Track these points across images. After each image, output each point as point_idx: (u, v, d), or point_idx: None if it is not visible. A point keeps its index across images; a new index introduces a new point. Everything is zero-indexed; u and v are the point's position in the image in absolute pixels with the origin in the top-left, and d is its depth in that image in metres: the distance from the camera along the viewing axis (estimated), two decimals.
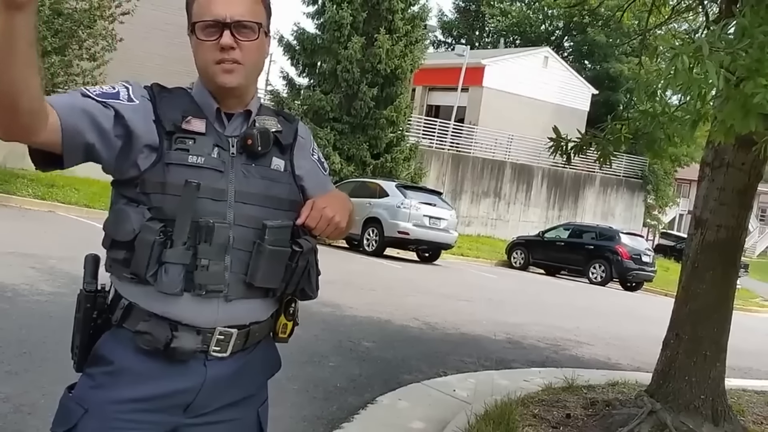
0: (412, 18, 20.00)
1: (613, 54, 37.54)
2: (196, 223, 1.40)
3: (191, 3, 1.48)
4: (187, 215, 1.40)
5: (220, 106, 1.50)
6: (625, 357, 7.57)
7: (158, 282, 1.39)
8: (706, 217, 4.36)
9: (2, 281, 5.99)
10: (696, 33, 5.85)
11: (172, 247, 1.39)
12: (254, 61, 1.49)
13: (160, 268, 1.39)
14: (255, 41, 1.47)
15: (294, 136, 1.60)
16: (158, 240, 1.38)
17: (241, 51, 1.44)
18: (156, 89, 1.49)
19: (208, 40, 1.44)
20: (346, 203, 1.57)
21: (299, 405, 4.15)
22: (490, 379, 5.37)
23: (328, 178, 1.70)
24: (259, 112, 1.56)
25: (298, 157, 1.59)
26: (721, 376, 4.33)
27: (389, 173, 19.23)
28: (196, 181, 1.40)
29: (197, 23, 1.45)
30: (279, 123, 1.58)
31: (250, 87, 1.53)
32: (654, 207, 33.01)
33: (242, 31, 1.44)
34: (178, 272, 1.40)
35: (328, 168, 1.73)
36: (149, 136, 1.42)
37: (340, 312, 7.30)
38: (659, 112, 3.61)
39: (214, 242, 1.41)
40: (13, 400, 3.49)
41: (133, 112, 1.41)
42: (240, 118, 1.53)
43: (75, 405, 1.42)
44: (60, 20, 12.83)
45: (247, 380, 1.54)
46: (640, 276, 18.84)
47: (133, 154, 1.42)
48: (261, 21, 1.48)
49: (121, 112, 1.40)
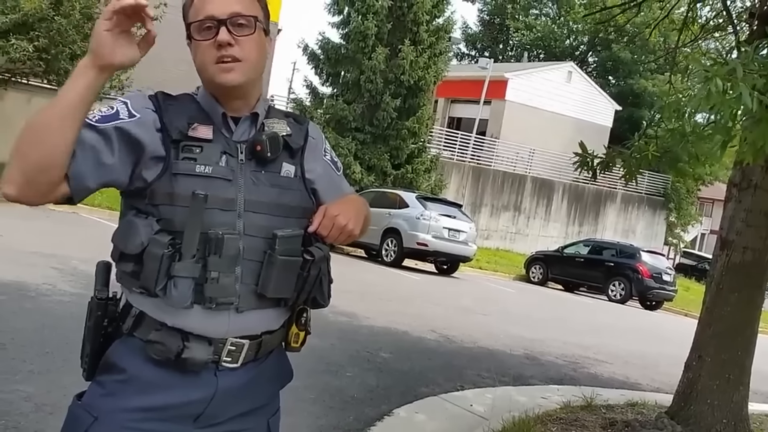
0: (436, 30, 20.06)
1: (638, 70, 37.35)
2: (205, 234, 1.37)
3: (187, 9, 1.46)
4: (195, 228, 1.36)
5: (225, 110, 1.46)
6: (644, 377, 7.48)
7: (168, 296, 1.37)
8: (732, 238, 4.31)
9: (26, 281, 6.07)
10: (725, 52, 5.80)
11: (181, 260, 1.36)
12: (254, 57, 1.44)
13: (169, 282, 1.36)
14: (252, 36, 1.43)
15: (304, 138, 1.55)
16: (167, 253, 1.35)
17: (239, 47, 1.41)
18: (161, 97, 1.45)
19: (205, 39, 1.41)
20: (360, 208, 1.52)
21: (316, 414, 4.14)
22: (508, 395, 5.32)
23: (341, 179, 1.65)
24: (267, 114, 1.53)
25: (309, 159, 1.55)
26: (745, 400, 4.26)
27: (410, 184, 19.23)
28: (204, 192, 1.37)
29: (192, 24, 1.43)
30: (288, 125, 1.53)
31: (253, 87, 1.48)
32: (676, 225, 32.66)
33: (238, 27, 1.41)
34: (187, 286, 1.37)
35: (341, 167, 1.68)
36: (155, 147, 1.39)
37: (357, 322, 7.30)
38: (688, 131, 3.58)
39: (224, 254, 1.38)
40: (34, 399, 3.52)
41: (136, 126, 1.37)
42: (247, 122, 1.49)
43: (84, 413, 1.40)
44: (90, 25, 13.01)
45: (259, 391, 1.51)
46: (660, 295, 18.61)
47: (139, 167, 1.39)
48: (257, 15, 1.45)
49: (125, 129, 1.36)
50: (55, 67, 12.75)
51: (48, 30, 12.24)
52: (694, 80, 4.18)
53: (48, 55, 12.46)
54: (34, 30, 12.22)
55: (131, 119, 1.38)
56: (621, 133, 27.23)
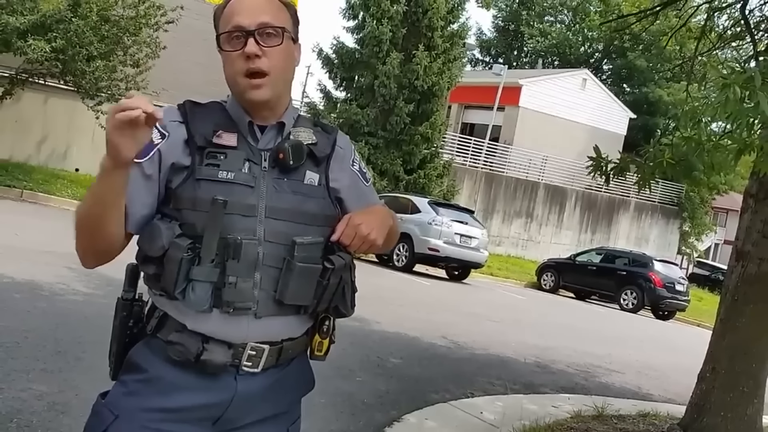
0: (451, 36, 20.07)
1: (653, 78, 37.21)
2: (224, 239, 1.38)
3: (218, 19, 1.48)
4: (214, 232, 1.38)
5: (252, 119, 1.48)
6: (656, 387, 7.42)
7: (186, 299, 1.38)
8: (748, 249, 4.28)
9: (40, 280, 6.11)
10: (743, 62, 5.76)
11: (200, 264, 1.38)
12: (282, 69, 1.46)
13: (188, 286, 1.38)
14: (280, 47, 1.44)
15: (332, 147, 1.55)
16: (186, 257, 1.37)
17: (267, 58, 1.42)
18: (188, 106, 1.48)
19: (234, 50, 1.42)
20: (385, 219, 1.52)
21: (326, 419, 4.14)
22: (518, 403, 5.29)
23: (370, 189, 1.65)
24: (296, 123, 1.54)
25: (336, 169, 1.55)
26: (759, 414, 4.22)
27: (422, 189, 19.22)
28: (224, 198, 1.38)
29: (222, 35, 1.45)
30: (316, 134, 1.53)
31: (282, 98, 1.50)
32: (689, 235, 32.43)
33: (267, 38, 1.42)
34: (205, 290, 1.38)
35: (371, 178, 1.69)
36: (182, 159, 1.43)
37: (368, 327, 7.29)
38: (704, 140, 3.55)
39: (243, 259, 1.39)
40: (46, 398, 3.54)
41: (166, 145, 1.43)
42: (273, 131, 1.50)
43: (106, 411, 1.42)
44: (107, 27, 13.14)
45: (279, 397, 1.51)
46: (673, 305, 18.47)
47: (168, 178, 1.44)
48: (285, 25, 1.46)
49: (159, 152, 1.42)
50: (71, 67, 12.86)
51: (65, 31, 12.35)
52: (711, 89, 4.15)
53: (65, 56, 12.56)
54: (51, 31, 12.34)
55: (162, 140, 1.43)
56: (635, 141, 27.14)
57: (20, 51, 12.21)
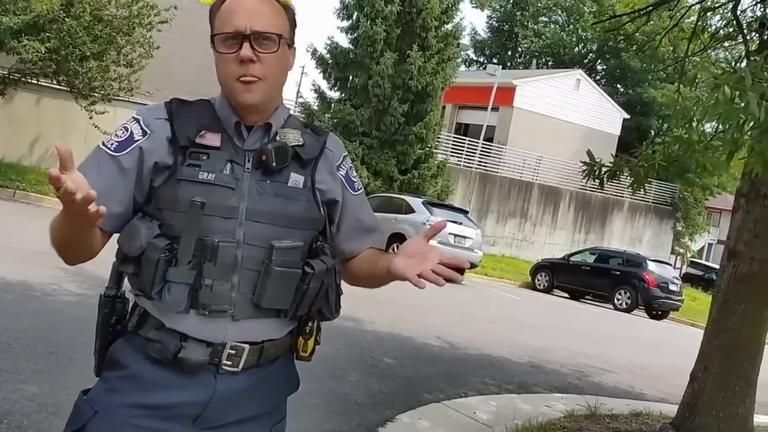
0: (445, 36, 20.08)
1: (647, 79, 37.29)
2: (201, 241, 1.37)
3: (214, 16, 1.46)
4: (192, 234, 1.37)
5: (240, 120, 1.46)
6: (649, 387, 7.44)
7: (162, 300, 1.38)
8: (740, 249, 4.29)
9: (32, 281, 6.08)
10: (735, 62, 5.78)
11: (177, 265, 1.37)
12: (275, 75, 1.44)
13: (165, 287, 1.37)
14: (275, 53, 1.42)
15: (320, 150, 1.53)
16: (163, 258, 1.36)
17: (261, 64, 1.40)
18: (175, 104, 1.47)
19: (228, 52, 1.40)
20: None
21: (319, 419, 4.13)
22: (512, 403, 5.30)
23: (358, 197, 1.61)
24: (285, 124, 1.51)
25: (323, 171, 1.53)
26: (750, 413, 4.23)
27: (416, 189, 19.23)
28: (202, 199, 1.37)
29: (217, 35, 1.43)
30: (304, 136, 1.51)
31: (273, 101, 1.49)
32: (683, 235, 32.53)
33: (262, 43, 1.40)
34: (182, 291, 1.37)
35: (361, 187, 1.64)
36: (164, 158, 1.42)
37: (361, 327, 7.29)
38: (696, 140, 3.56)
39: (219, 262, 1.38)
40: (38, 399, 3.53)
41: (150, 142, 1.42)
42: (260, 132, 1.48)
43: (86, 406, 1.42)
44: (100, 26, 13.08)
45: (262, 397, 1.50)
46: (667, 305, 18.52)
47: (150, 176, 1.43)
48: (282, 32, 1.44)
49: (140, 149, 1.42)
50: (65, 67, 12.81)
51: (59, 31, 12.31)
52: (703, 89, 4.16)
53: (58, 56, 12.52)
54: (44, 31, 12.29)
55: (144, 137, 1.43)
56: (629, 141, 27.15)
57: (14, 51, 12.16)
